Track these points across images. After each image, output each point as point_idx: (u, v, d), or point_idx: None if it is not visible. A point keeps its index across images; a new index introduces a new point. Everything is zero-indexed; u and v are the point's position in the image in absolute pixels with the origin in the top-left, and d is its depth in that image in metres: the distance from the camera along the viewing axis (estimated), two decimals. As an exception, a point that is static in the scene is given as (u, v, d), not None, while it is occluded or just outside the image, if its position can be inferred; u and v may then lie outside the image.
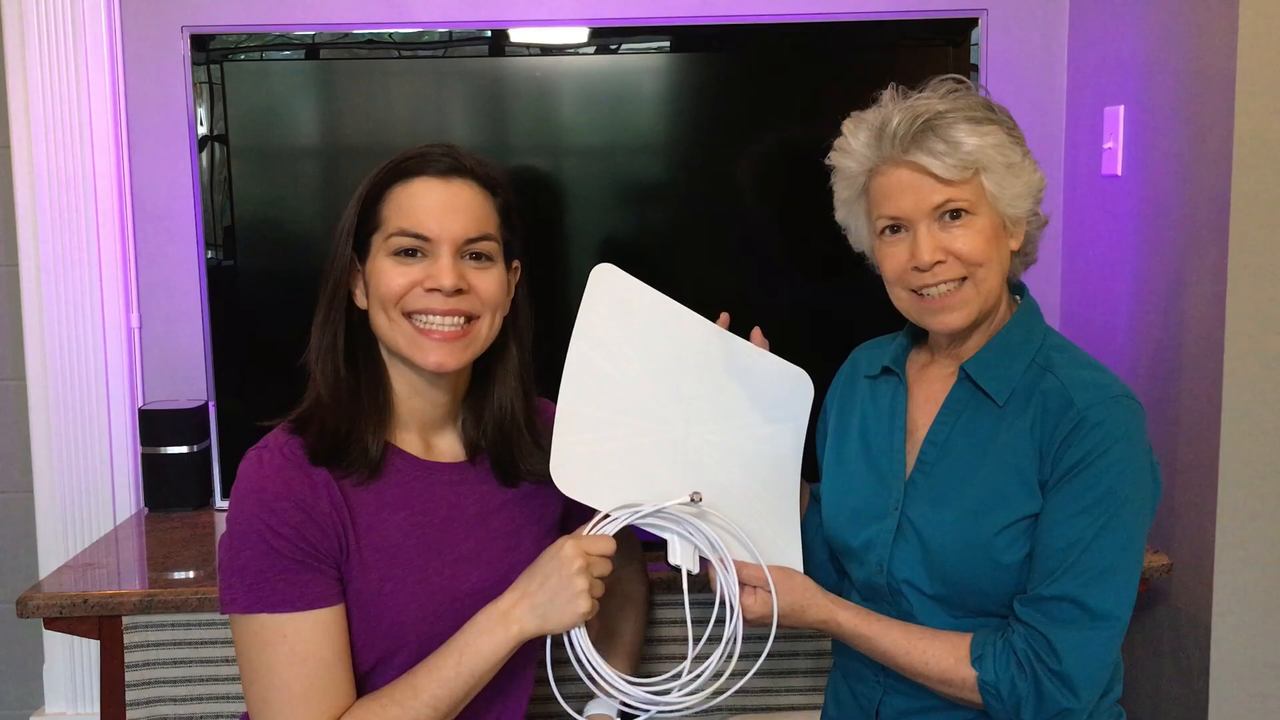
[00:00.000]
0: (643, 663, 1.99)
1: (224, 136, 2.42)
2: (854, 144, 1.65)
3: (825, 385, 1.89)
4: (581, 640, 1.55)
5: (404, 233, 1.56)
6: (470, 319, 1.59)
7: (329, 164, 2.50)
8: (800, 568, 1.75)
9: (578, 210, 2.49)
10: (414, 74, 2.46)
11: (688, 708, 1.58)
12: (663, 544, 1.65)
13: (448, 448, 1.68)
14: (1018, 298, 1.73)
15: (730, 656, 1.58)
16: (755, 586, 1.63)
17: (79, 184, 2.61)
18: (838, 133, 1.70)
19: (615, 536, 1.57)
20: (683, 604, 1.59)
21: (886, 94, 1.66)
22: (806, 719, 2.16)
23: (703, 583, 1.65)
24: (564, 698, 1.56)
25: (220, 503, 2.56)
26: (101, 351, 2.66)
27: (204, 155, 2.43)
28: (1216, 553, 2.10)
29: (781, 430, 1.81)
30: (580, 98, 2.45)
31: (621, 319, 1.71)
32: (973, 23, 2.43)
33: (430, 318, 1.57)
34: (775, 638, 1.62)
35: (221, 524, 1.81)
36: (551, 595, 1.52)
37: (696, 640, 1.57)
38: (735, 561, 1.62)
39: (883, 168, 1.63)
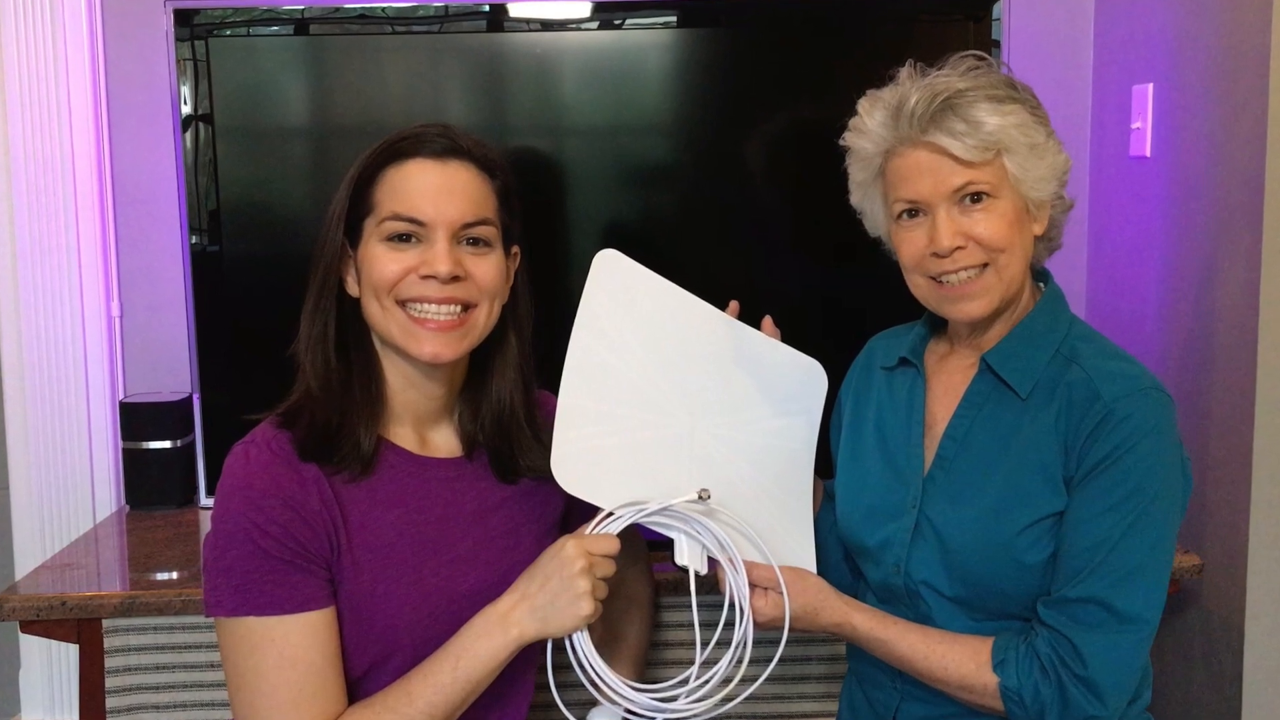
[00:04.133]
0: (648, 668, 1.99)
1: (209, 116, 2.42)
2: (870, 124, 1.65)
3: (839, 377, 1.89)
4: (584, 644, 1.55)
5: (398, 217, 1.56)
6: (467, 307, 1.59)
7: (319, 145, 2.50)
8: (813, 568, 1.75)
9: (580, 193, 2.48)
10: (408, 50, 2.45)
11: (695, 715, 1.58)
12: (669, 543, 1.65)
13: (444, 442, 1.68)
14: (1041, 285, 1.73)
15: (740, 661, 1.58)
16: (766, 588, 1.64)
17: (57, 166, 2.61)
18: (852, 112, 1.69)
19: (619, 535, 1.57)
20: (690, 606, 1.59)
21: (904, 71, 1.66)
22: (819, 727, 2.17)
23: (711, 584, 1.65)
24: (566, 704, 1.56)
25: (205, 500, 2.56)
26: (80, 341, 2.66)
27: (188, 136, 2.43)
28: (1250, 552, 2.10)
29: (793, 424, 1.81)
30: (583, 75, 2.44)
31: (626, 307, 1.71)
32: (995, -4, 2.43)
33: (425, 306, 1.57)
34: (787, 642, 1.63)
35: (206, 522, 1.81)
36: (552, 597, 1.52)
37: (705, 644, 1.57)
38: (745, 562, 1.62)
39: (900, 149, 1.63)
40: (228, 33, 2.41)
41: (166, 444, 2.56)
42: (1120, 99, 2.59)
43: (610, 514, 1.59)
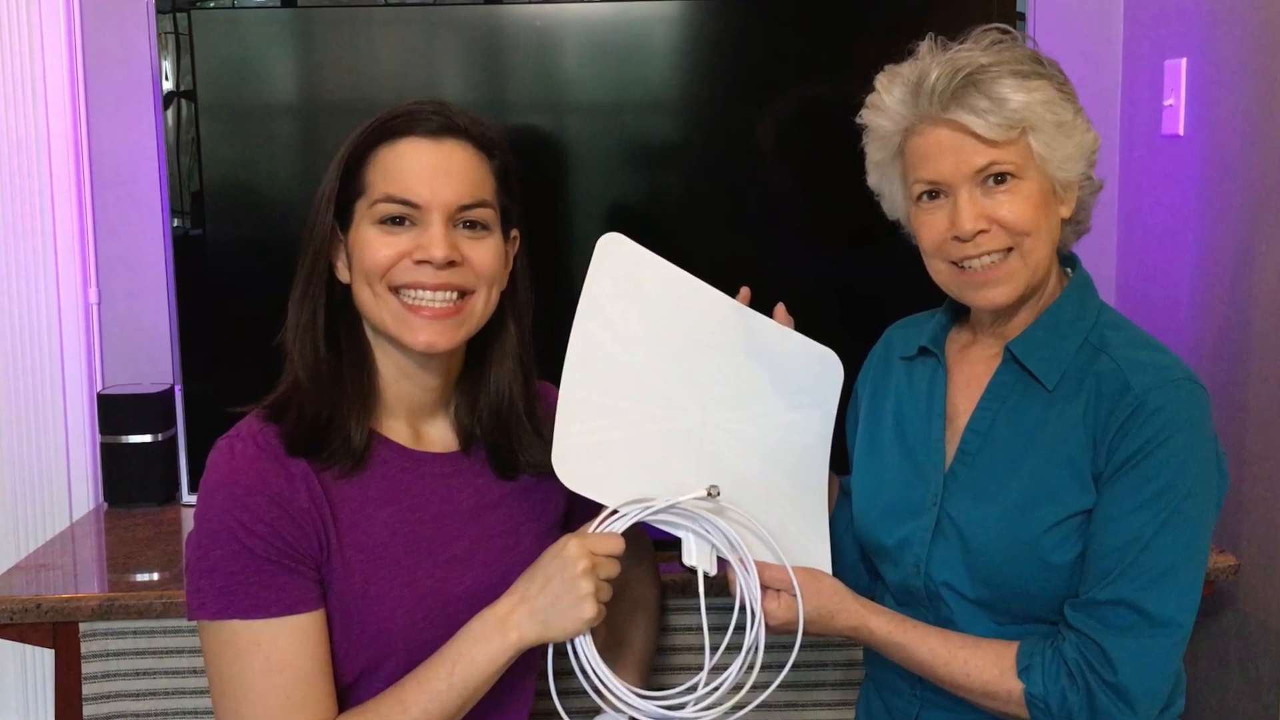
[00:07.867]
0: (654, 674, 1.99)
1: (191, 93, 2.41)
2: (888, 101, 1.65)
3: (856, 367, 1.89)
4: (587, 649, 1.55)
5: (391, 199, 1.56)
6: (464, 294, 1.59)
7: (308, 123, 2.50)
8: (828, 569, 1.75)
9: (582, 174, 2.48)
10: (401, 23, 2.45)
11: (704, 723, 1.59)
12: (676, 543, 1.65)
13: (439, 436, 1.68)
14: (1069, 270, 1.73)
15: (751, 667, 1.59)
16: (778, 590, 1.64)
17: (31, 146, 2.61)
18: (870, 88, 1.69)
19: (624, 535, 1.57)
20: (699, 609, 1.59)
21: (924, 46, 1.65)
22: (834, 735, 2.17)
23: (721, 585, 1.65)
24: (568, 712, 1.56)
25: (188, 497, 2.57)
26: (56, 330, 2.66)
27: (169, 114, 2.43)
28: (1288, 553, 2.11)
29: (807, 417, 1.81)
30: (585, 50, 2.44)
31: (631, 294, 1.71)
32: (1020, -34, 2.42)
33: (419, 293, 1.56)
34: (801, 646, 1.62)
35: (189, 521, 1.81)
36: (554, 599, 1.52)
37: (714, 649, 1.58)
38: (757, 562, 1.62)
39: (920, 127, 1.62)
40: (211, 5, 2.41)
41: (147, 438, 2.57)
42: (1152, 74, 2.58)
43: (614, 512, 1.59)
